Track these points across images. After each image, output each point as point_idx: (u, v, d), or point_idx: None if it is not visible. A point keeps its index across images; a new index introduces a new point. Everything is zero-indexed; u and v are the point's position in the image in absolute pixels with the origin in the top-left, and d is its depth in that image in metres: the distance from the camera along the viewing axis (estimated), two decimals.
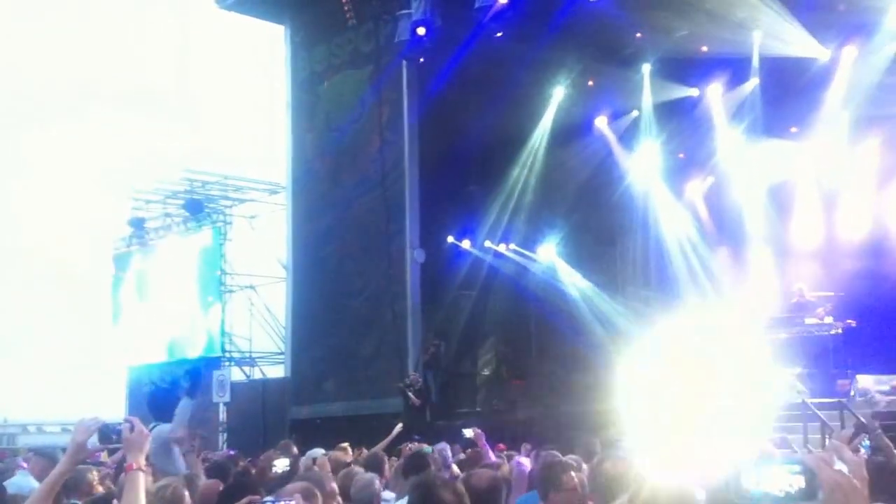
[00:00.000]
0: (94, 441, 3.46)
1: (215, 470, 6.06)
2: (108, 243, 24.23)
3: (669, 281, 16.84)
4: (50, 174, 41.06)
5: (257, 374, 20.70)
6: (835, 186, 15.34)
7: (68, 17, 42.14)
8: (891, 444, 7.45)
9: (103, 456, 7.90)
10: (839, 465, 2.02)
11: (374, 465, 7.07)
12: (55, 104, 41.57)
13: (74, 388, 23.24)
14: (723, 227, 16.59)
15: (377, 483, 5.56)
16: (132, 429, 3.29)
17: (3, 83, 39.47)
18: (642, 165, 17.22)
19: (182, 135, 37.46)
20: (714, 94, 16.37)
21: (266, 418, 17.65)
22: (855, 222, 14.89)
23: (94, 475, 5.51)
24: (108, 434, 3.68)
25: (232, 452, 10.64)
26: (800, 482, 1.98)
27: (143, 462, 3.28)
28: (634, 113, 17.19)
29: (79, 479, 5.20)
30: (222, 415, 19.34)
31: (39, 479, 5.89)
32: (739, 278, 15.83)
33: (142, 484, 3.27)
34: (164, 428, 7.17)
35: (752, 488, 2.01)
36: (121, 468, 4.65)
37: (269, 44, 20.41)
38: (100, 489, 5.44)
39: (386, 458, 7.87)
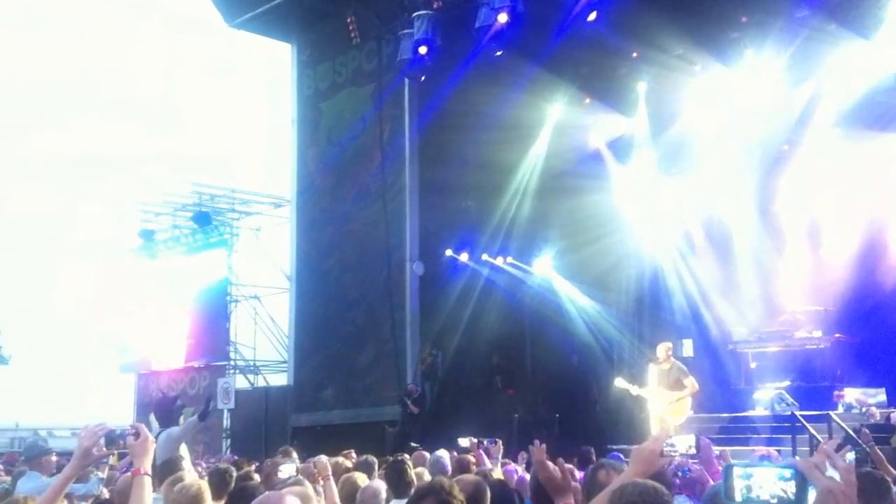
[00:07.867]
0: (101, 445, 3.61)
1: (214, 475, 6.02)
2: (118, 253, 24.70)
3: (661, 295, 17.16)
4: (62, 184, 41.50)
5: (261, 382, 21.06)
6: (823, 202, 15.63)
7: (84, 29, 42.65)
8: (882, 456, 7.66)
9: (112, 460, 8.28)
10: (831, 472, 1.99)
11: (364, 471, 7.37)
12: (64, 116, 42.09)
13: (84, 394, 23.65)
14: (714, 244, 16.88)
15: (383, 493, 5.67)
16: (137, 436, 3.42)
17: (11, 89, 39.88)
18: (636, 182, 17.56)
19: (192, 148, 37.98)
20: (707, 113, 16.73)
21: (268, 425, 18.02)
22: (844, 237, 15.15)
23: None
24: (115, 439, 3.87)
25: (235, 457, 10.99)
26: (791, 487, 1.94)
27: (149, 467, 3.41)
28: (629, 130, 17.52)
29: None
30: (226, 421, 19.75)
31: None
32: (730, 293, 16.12)
33: (148, 488, 3.39)
34: (172, 432, 7.39)
35: (743, 492, 1.97)
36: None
37: (277, 61, 20.83)
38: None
39: (376, 464, 8.19)
